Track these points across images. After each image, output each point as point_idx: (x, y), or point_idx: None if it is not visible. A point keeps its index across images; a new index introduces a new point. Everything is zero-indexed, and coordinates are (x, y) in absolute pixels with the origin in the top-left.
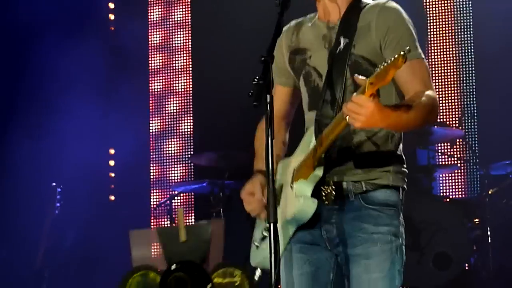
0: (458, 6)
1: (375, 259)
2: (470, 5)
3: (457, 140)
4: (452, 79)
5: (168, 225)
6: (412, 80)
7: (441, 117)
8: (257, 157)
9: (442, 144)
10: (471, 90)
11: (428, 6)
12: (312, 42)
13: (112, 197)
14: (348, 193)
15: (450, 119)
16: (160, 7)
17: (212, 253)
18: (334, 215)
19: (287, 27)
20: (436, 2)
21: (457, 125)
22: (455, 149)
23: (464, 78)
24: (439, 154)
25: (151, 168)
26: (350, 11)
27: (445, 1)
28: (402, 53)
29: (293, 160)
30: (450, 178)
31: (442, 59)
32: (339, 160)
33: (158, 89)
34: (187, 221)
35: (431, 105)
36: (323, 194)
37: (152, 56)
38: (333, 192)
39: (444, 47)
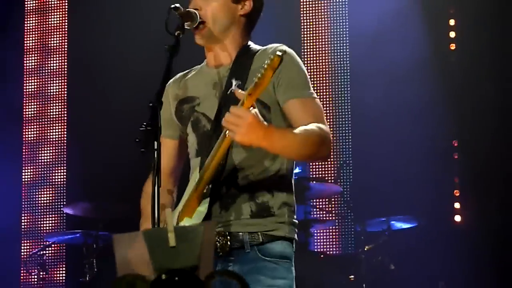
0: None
1: None
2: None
3: (334, 196)
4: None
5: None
6: (304, 116)
7: (319, 172)
8: (144, 217)
9: (319, 200)
10: (348, 146)
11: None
12: (201, 89)
13: None
14: (244, 244)
15: (328, 175)
16: (35, 55)
17: (203, 259)
18: (230, 266)
19: (174, 78)
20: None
21: (334, 181)
22: (332, 205)
23: (341, 134)
24: (316, 209)
25: (23, 217)
26: (243, 55)
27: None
28: (278, 53)
29: (179, 206)
30: (326, 234)
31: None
32: (233, 210)
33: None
34: (58, 273)
35: (323, 136)
36: (218, 245)
37: (26, 103)
38: (228, 243)
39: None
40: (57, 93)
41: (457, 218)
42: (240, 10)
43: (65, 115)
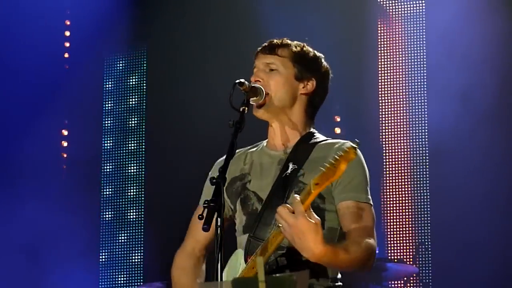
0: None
1: None
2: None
3: (411, 277)
4: (406, 215)
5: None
6: (356, 225)
7: (395, 253)
8: None
9: (396, 282)
10: (425, 226)
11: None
12: (256, 168)
13: None
14: None
15: (404, 256)
16: (113, 136)
17: None
18: None
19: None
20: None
21: (411, 261)
22: (408, 286)
23: (419, 214)
24: None
25: None
26: (304, 142)
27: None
28: (353, 145)
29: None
30: None
31: (397, 195)
32: None
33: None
34: None
35: (370, 253)
36: None
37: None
38: None
39: (400, 186)
40: (135, 173)
41: None
42: (302, 89)
43: (143, 195)
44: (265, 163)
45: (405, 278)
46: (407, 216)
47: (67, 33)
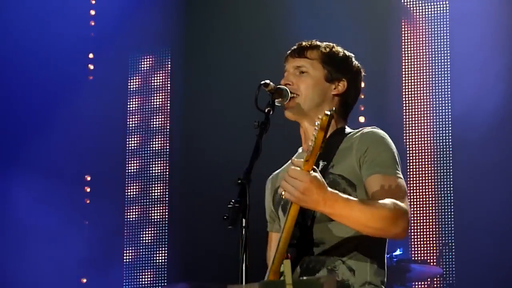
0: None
1: None
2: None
3: (435, 278)
4: (430, 216)
5: None
6: (382, 192)
7: (419, 254)
8: None
9: (421, 283)
10: (449, 227)
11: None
12: None
13: None
14: None
15: (428, 257)
16: (137, 136)
17: None
18: None
19: (277, 171)
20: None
21: (435, 262)
22: (433, 287)
23: (443, 214)
24: None
25: None
26: (334, 137)
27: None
28: (326, 112)
29: None
30: None
31: (421, 196)
32: None
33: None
34: None
35: (397, 211)
36: None
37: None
38: None
39: (424, 186)
40: (159, 173)
41: None
42: (334, 90)
43: (167, 195)
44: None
45: (429, 280)
46: (431, 217)
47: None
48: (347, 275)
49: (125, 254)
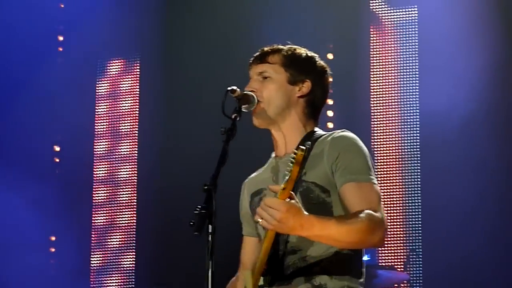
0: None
1: None
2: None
3: (402, 284)
4: (397, 222)
5: None
6: (357, 202)
7: (386, 260)
8: None
9: None
10: (417, 233)
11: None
12: (267, 180)
13: None
14: None
15: (395, 262)
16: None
17: None
18: None
19: (253, 175)
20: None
21: (402, 268)
22: None
23: (410, 221)
24: None
25: None
26: (304, 142)
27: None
28: (301, 147)
29: None
30: None
31: (388, 201)
32: None
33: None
34: None
35: (374, 223)
36: None
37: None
38: None
39: (391, 191)
40: (127, 177)
41: None
42: (298, 92)
43: (135, 200)
44: (274, 173)
45: (396, 286)
46: (398, 222)
47: (60, 38)
48: (324, 279)
49: (92, 259)
